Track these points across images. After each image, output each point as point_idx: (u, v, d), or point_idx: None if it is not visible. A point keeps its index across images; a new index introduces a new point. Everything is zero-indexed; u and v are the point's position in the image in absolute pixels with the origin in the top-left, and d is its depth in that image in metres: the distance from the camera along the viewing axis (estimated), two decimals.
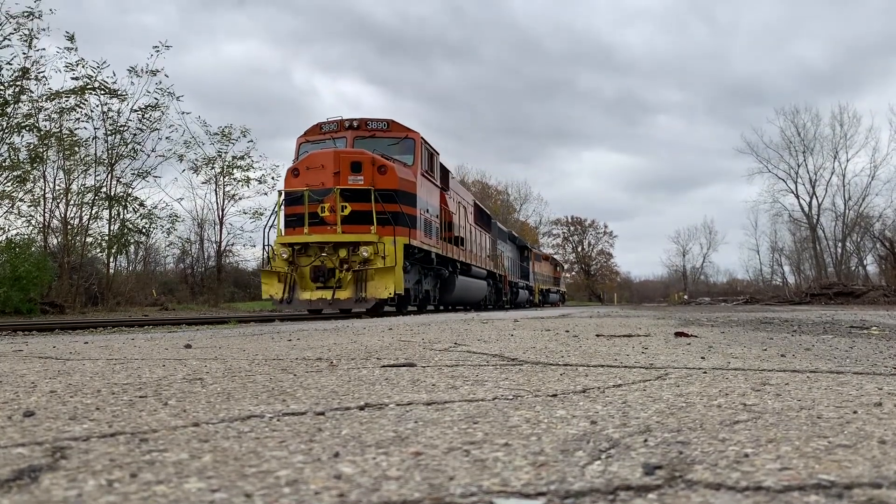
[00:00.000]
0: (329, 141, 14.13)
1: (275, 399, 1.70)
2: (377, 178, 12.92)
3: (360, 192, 12.63)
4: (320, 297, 12.34)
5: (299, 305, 12.45)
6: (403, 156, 14.29)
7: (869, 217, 52.53)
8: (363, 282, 12.35)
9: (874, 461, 1.05)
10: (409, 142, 14.60)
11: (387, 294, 12.13)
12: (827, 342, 3.79)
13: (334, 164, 12.83)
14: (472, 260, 20.59)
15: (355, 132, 14.21)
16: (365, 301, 12.16)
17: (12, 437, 1.25)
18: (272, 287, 12.70)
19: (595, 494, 0.90)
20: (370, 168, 12.96)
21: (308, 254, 12.61)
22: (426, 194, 15.02)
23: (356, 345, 3.64)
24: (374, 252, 12.38)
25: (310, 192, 12.65)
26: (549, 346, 3.53)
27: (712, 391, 1.81)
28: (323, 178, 12.73)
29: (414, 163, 14.35)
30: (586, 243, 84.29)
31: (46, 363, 2.74)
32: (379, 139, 14.25)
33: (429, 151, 15.50)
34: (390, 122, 14.66)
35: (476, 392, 1.82)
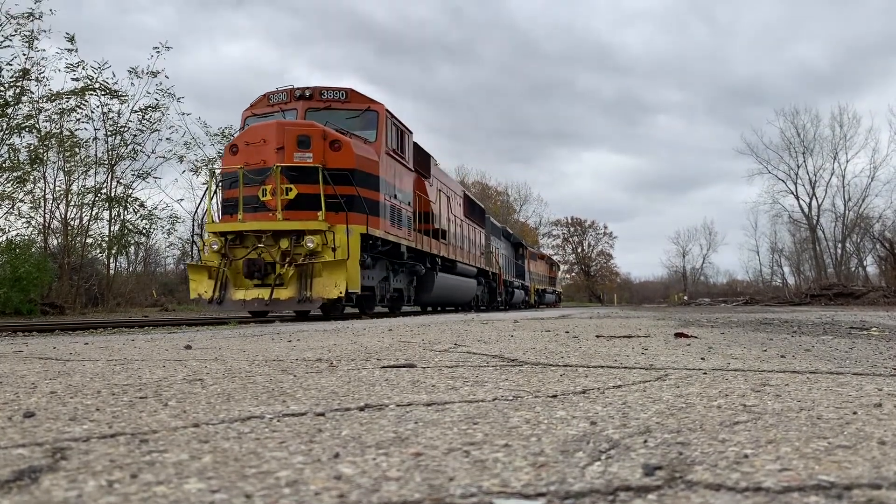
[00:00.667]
0: (278, 114, 12.04)
1: (275, 400, 1.70)
2: (329, 156, 10.86)
3: (308, 172, 10.61)
4: (257, 296, 10.39)
5: (232, 307, 10.60)
6: (365, 131, 12.16)
7: (869, 218, 52.55)
8: (308, 278, 10.37)
9: (874, 462, 1.05)
10: (371, 115, 12.33)
11: (337, 293, 10.17)
12: (827, 343, 3.79)
13: (277, 138, 10.83)
14: (459, 256, 18.59)
15: (307, 103, 12.05)
16: (310, 301, 10.26)
17: (12, 437, 1.25)
18: (200, 284, 10.77)
19: (595, 495, 0.90)
20: (321, 143, 10.89)
21: (245, 245, 10.65)
22: (394, 177, 12.93)
23: (356, 345, 3.64)
24: (322, 243, 10.43)
25: (246, 171, 10.80)
26: (549, 346, 3.53)
27: (712, 392, 1.81)
28: (264, 155, 10.76)
29: (377, 139, 12.16)
30: (586, 244, 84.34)
31: (46, 364, 2.74)
32: (336, 111, 12.07)
33: (397, 128, 13.28)
34: (349, 91, 12.35)
35: (476, 393, 1.82)
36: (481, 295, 23.34)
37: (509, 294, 28.94)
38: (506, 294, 27.96)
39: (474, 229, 21.81)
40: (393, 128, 13.04)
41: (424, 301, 16.61)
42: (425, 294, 15.61)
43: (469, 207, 21.31)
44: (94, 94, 21.02)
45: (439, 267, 16.23)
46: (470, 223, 21.09)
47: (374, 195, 11.68)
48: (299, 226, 10.52)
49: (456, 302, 20.77)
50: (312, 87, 12.21)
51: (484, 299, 24.04)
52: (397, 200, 13.04)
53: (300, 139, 10.89)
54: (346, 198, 10.78)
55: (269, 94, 12.44)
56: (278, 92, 12.38)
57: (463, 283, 19.14)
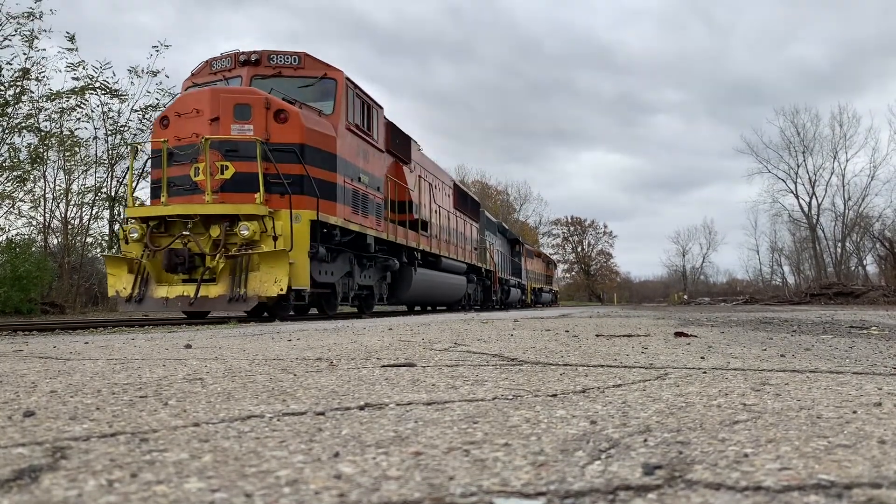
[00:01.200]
0: (221, 83, 10.43)
1: (275, 399, 1.70)
2: (273, 128, 9.36)
3: (248, 147, 9.11)
4: (182, 293, 8.86)
5: (152, 306, 9.02)
6: (321, 102, 10.49)
7: (868, 217, 52.59)
8: (243, 272, 8.80)
9: (874, 461, 1.05)
10: (328, 83, 10.57)
11: (277, 290, 8.65)
12: (826, 342, 3.79)
13: (211, 107, 9.27)
14: (445, 250, 16.87)
15: (254, 69, 10.44)
16: (244, 300, 8.70)
17: (13, 436, 1.25)
18: (119, 280, 9.17)
19: (595, 494, 0.90)
20: (262, 113, 9.35)
21: (171, 233, 9.06)
22: (358, 157, 11.25)
23: (356, 345, 3.64)
24: (260, 230, 8.87)
25: (172, 147, 9.31)
26: (549, 346, 3.53)
27: (712, 391, 1.81)
28: (197, 128, 9.22)
29: (335, 111, 10.45)
30: (586, 243, 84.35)
31: (47, 363, 2.74)
32: (287, 79, 10.45)
33: (361, 100, 11.49)
34: (303, 55, 10.63)
35: (476, 392, 1.82)
36: (473, 293, 21.72)
37: (505, 293, 27.55)
38: (501, 293, 26.62)
39: (466, 223, 20.21)
40: (356, 100, 11.28)
41: (402, 300, 14.98)
42: (402, 292, 14.06)
43: (460, 199, 19.75)
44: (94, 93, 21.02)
45: (419, 262, 14.63)
46: (461, 216, 19.56)
47: (329, 176, 10.05)
48: (231, 210, 8.87)
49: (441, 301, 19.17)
50: (260, 51, 10.55)
51: (477, 298, 22.49)
52: (362, 184, 11.38)
53: (238, 109, 9.33)
54: (293, 178, 9.25)
55: (212, 60, 10.82)
56: (221, 58, 10.76)
57: (449, 280, 17.54)
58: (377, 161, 12.38)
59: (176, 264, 8.87)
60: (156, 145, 9.64)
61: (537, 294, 39.14)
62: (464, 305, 20.81)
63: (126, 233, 9.33)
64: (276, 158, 9.18)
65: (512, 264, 30.35)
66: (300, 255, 9.16)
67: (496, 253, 25.80)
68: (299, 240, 9.12)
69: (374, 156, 12.18)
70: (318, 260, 9.78)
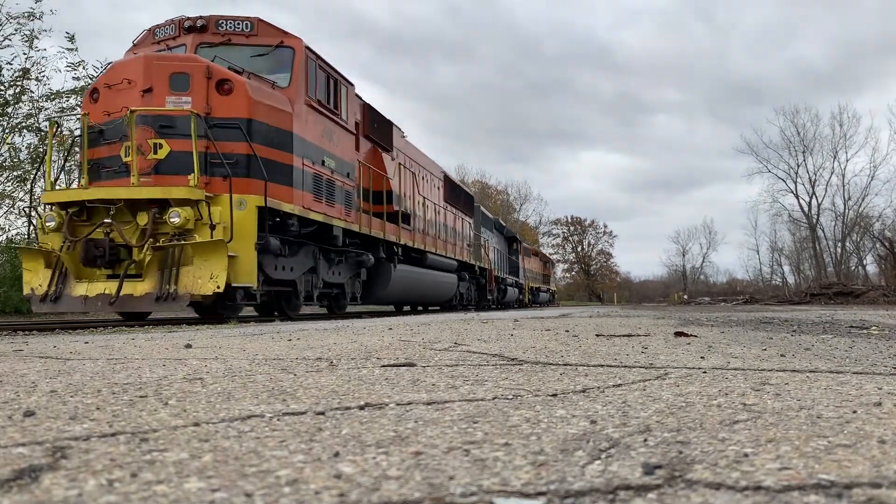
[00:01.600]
0: (164, 52, 9.18)
1: (275, 399, 1.70)
2: (216, 101, 8.18)
3: (187, 122, 7.88)
4: (103, 290, 7.70)
5: (70, 305, 7.97)
6: (276, 74, 9.29)
7: (868, 217, 52.65)
8: (174, 267, 7.61)
9: (874, 461, 1.05)
10: (285, 52, 9.32)
11: (213, 287, 7.47)
12: (826, 342, 3.79)
13: (144, 76, 8.09)
14: (432, 245, 15.64)
15: (200, 36, 9.19)
16: (174, 300, 7.53)
17: (13, 436, 1.25)
18: (35, 276, 8.11)
19: (595, 494, 0.90)
20: (203, 83, 8.15)
21: (94, 221, 7.88)
22: (321, 138, 9.97)
23: (356, 344, 3.64)
24: (194, 217, 7.70)
25: (100, 123, 8.22)
26: (549, 345, 3.53)
27: (712, 391, 1.81)
28: (128, 101, 8.01)
29: (291, 84, 9.22)
30: (586, 243, 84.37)
31: (47, 363, 2.74)
32: (237, 47, 9.19)
33: (326, 74, 10.23)
34: (256, 21, 9.36)
35: (476, 392, 1.82)
36: (466, 293, 20.39)
37: (501, 292, 26.46)
38: (498, 292, 25.51)
39: (458, 218, 18.99)
40: (319, 73, 9.99)
41: (379, 299, 13.59)
42: (379, 290, 12.75)
43: (451, 192, 18.47)
44: None
45: (400, 258, 13.35)
46: (453, 210, 18.35)
47: (283, 157, 8.84)
48: (160, 193, 7.70)
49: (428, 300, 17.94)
50: (206, 17, 9.26)
51: (470, 297, 21.18)
52: (327, 169, 10.11)
53: (175, 78, 8.15)
54: (237, 158, 8.10)
55: (155, 27, 9.55)
56: (165, 24, 9.48)
57: (437, 278, 16.21)
58: (346, 144, 11.02)
59: (95, 257, 7.68)
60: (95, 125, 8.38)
61: (535, 293, 38.52)
62: (455, 305, 19.66)
63: (42, 221, 8.12)
64: (218, 135, 8.00)
65: (509, 263, 29.57)
66: (245, 248, 7.94)
67: (492, 251, 24.80)
68: (243, 229, 7.91)
69: (342, 138, 10.82)
70: (270, 253, 8.63)
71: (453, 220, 18.44)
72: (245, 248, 7.99)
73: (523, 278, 33.11)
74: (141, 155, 7.92)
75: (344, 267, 11.42)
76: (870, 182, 52.94)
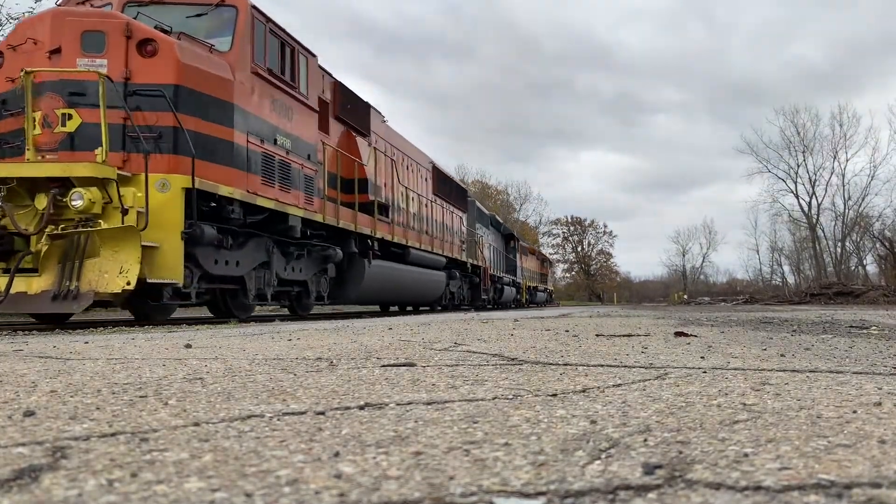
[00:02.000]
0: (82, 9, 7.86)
1: (275, 398, 1.70)
2: (137, 64, 6.98)
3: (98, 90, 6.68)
4: None
5: None
6: (217, 37, 7.97)
7: (868, 217, 52.68)
8: (77, 259, 6.41)
9: (874, 461, 1.05)
10: (227, 13, 8.04)
11: (122, 283, 6.29)
12: (826, 342, 3.79)
13: (52, 35, 6.95)
14: (416, 240, 14.46)
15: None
16: (75, 298, 6.29)
17: (13, 436, 1.25)
18: None
19: (595, 494, 0.90)
20: (121, 43, 6.97)
21: None
22: (273, 113, 8.67)
23: (356, 344, 3.64)
24: (101, 200, 6.53)
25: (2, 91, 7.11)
26: (549, 345, 3.54)
27: (712, 391, 1.81)
28: (34, 64, 6.89)
29: (233, 48, 7.92)
30: (586, 243, 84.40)
31: (47, 363, 2.74)
32: (171, 6, 7.93)
33: (280, 40, 8.95)
34: None
35: (476, 392, 1.82)
36: (458, 292, 19.11)
37: (498, 291, 25.32)
38: (494, 291, 24.38)
39: (449, 212, 17.74)
40: (270, 38, 8.65)
41: (353, 298, 12.16)
42: (351, 288, 11.48)
43: (440, 185, 17.22)
44: None
45: (376, 252, 12.06)
46: (443, 204, 17.14)
47: (221, 132, 7.58)
48: (59, 171, 6.49)
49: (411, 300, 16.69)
50: None
51: (462, 297, 19.84)
52: (280, 148, 8.85)
53: (88, 37, 6.94)
54: (161, 131, 6.96)
55: None
56: None
57: (422, 276, 14.99)
58: (307, 122, 9.68)
59: None
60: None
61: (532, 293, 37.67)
62: (445, 305, 18.47)
63: None
64: (139, 104, 6.91)
65: (506, 261, 28.51)
66: (168, 237, 6.83)
67: (488, 248, 23.59)
68: (166, 214, 6.79)
69: (302, 115, 9.50)
70: (208, 245, 7.48)
71: (443, 214, 17.09)
72: (168, 238, 6.85)
73: (521, 277, 32.34)
74: (48, 128, 6.79)
75: (306, 262, 10.19)
76: (870, 182, 53.04)
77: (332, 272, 11.05)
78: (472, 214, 20.96)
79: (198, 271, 7.55)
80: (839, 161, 54.34)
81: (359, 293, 11.90)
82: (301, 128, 9.51)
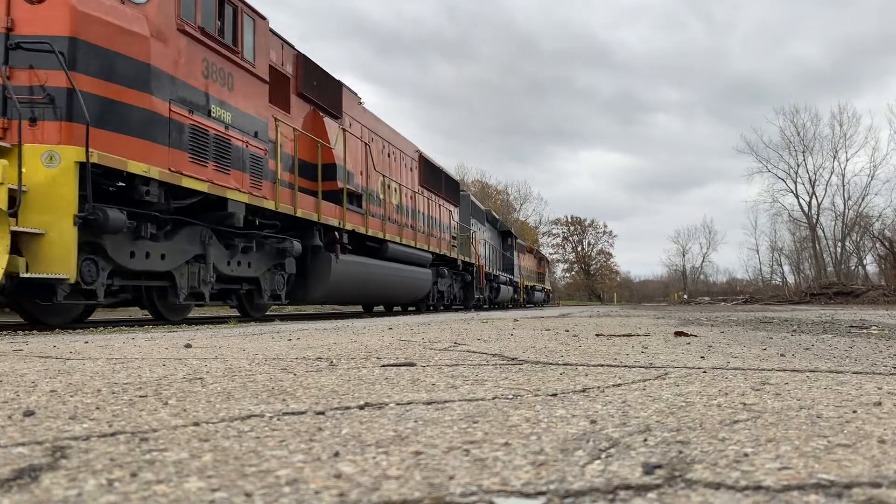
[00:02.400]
0: None
1: (275, 398, 1.70)
2: (21, 10, 5.88)
3: None
4: None
5: None
6: None
7: (868, 217, 52.68)
8: None
9: (874, 460, 1.05)
10: None
11: None
12: (826, 342, 3.79)
13: None
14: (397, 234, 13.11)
15: None
16: None
17: (12, 436, 1.25)
18: None
19: (595, 494, 0.90)
20: None
21: None
22: (208, 81, 7.43)
23: (356, 344, 3.64)
24: None
25: None
26: (549, 345, 3.54)
27: (712, 390, 1.81)
28: None
29: None
30: (586, 243, 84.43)
31: (47, 362, 2.74)
32: None
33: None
34: None
35: (476, 391, 1.82)
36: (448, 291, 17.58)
37: (494, 290, 23.99)
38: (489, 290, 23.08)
39: (437, 205, 16.28)
40: None
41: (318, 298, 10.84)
42: (314, 286, 10.22)
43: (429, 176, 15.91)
44: None
45: (347, 246, 10.82)
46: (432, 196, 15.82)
47: (133, 97, 6.38)
48: None
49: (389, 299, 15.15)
50: None
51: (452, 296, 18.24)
52: (217, 122, 7.56)
53: None
54: (50, 93, 5.82)
55: None
56: None
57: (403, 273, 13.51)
58: (255, 94, 8.37)
59: None
60: None
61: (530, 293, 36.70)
62: (432, 306, 16.94)
63: None
64: (24, 60, 5.78)
65: (503, 259, 27.17)
66: (57, 221, 5.72)
67: (483, 245, 22.29)
68: (54, 194, 5.71)
69: (248, 86, 8.20)
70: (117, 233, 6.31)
71: (430, 207, 15.59)
72: (57, 223, 5.71)
73: (518, 276, 31.27)
74: None
75: (256, 257, 8.88)
76: (870, 182, 53.02)
77: (291, 268, 9.75)
78: (465, 209, 19.74)
79: (107, 265, 6.45)
80: (839, 161, 54.38)
81: (326, 291, 10.58)
82: (245, 100, 8.20)
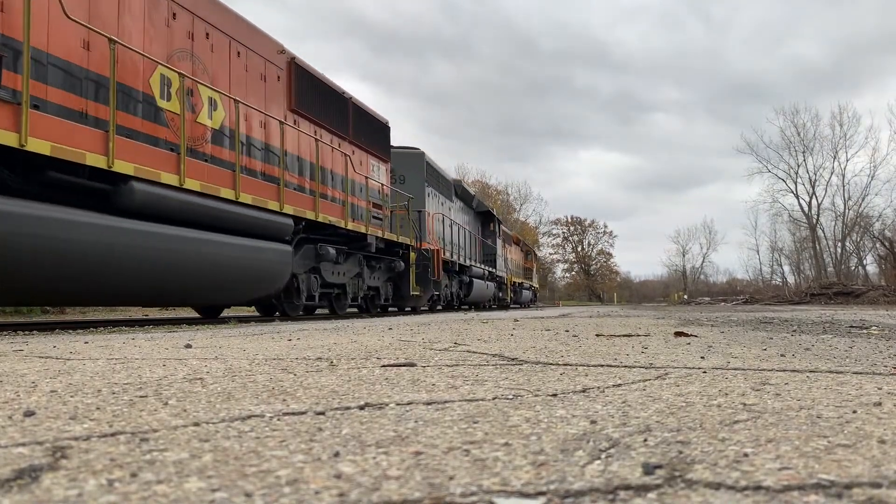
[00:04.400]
0: None
1: (275, 399, 1.70)
2: None
3: None
4: None
5: None
6: None
7: (868, 217, 52.70)
8: None
9: (874, 461, 1.05)
10: None
11: None
12: (826, 342, 3.79)
13: None
14: (172, 170, 7.05)
15: None
16: None
17: (13, 436, 1.25)
18: None
19: (595, 494, 0.90)
20: None
21: None
22: None
23: (356, 344, 3.64)
24: None
25: None
26: (549, 345, 3.54)
27: (712, 391, 1.81)
28: None
29: None
30: (586, 243, 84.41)
31: (47, 363, 2.74)
32: None
33: None
34: None
35: (476, 392, 1.82)
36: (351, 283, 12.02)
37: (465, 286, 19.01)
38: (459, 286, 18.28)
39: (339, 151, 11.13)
40: None
41: None
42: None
43: (315, 102, 10.47)
44: None
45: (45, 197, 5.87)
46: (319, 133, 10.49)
47: None
48: None
49: (169, 296, 8.28)
50: None
51: (369, 292, 12.89)
52: None
53: None
54: None
55: None
56: None
57: (207, 248, 7.68)
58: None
59: None
60: None
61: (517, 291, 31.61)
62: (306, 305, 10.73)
63: None
64: None
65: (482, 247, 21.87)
66: None
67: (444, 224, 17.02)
68: None
69: None
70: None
71: (309, 146, 10.17)
72: None
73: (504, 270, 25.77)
74: None
75: None
76: (870, 182, 53.05)
77: None
78: (414, 172, 15.12)
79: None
80: (839, 161, 54.40)
81: None
82: None
